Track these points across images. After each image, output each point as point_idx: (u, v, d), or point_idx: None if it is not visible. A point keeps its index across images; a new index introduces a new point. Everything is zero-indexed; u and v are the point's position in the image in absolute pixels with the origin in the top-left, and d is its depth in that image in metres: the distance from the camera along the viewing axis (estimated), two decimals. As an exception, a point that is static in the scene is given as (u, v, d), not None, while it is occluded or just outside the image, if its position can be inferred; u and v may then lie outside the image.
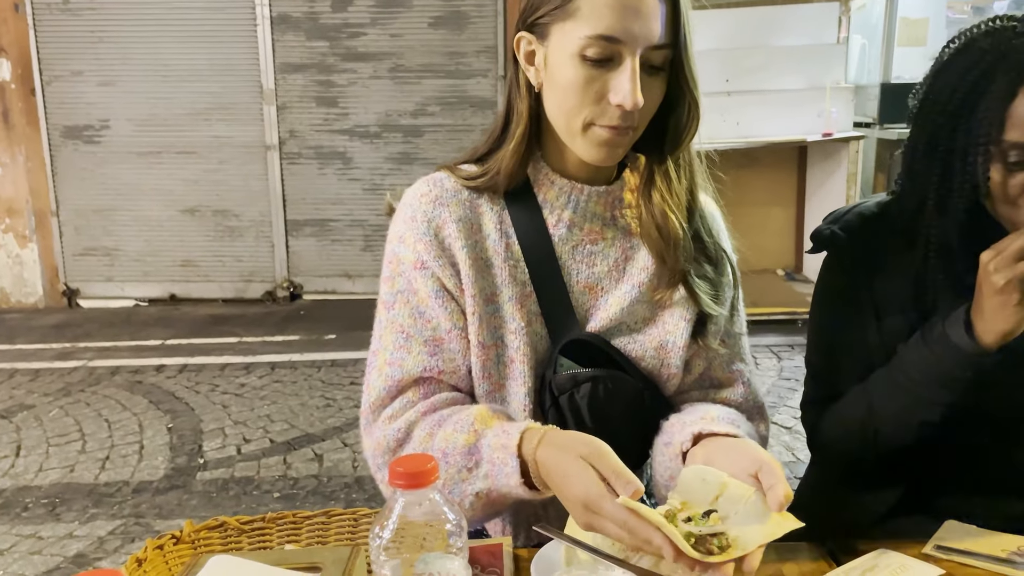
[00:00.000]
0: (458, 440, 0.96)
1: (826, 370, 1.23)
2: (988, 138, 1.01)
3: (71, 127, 5.54)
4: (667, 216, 1.06)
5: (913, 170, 1.12)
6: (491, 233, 1.06)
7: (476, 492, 0.95)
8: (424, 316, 1.05)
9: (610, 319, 1.07)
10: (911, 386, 1.07)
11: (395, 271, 1.07)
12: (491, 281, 1.05)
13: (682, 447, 0.96)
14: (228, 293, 5.71)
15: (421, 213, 1.06)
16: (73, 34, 5.41)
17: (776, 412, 3.46)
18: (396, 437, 1.02)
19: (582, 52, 0.95)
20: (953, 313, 1.04)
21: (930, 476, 1.16)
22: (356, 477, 3.01)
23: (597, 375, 1.01)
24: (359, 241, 5.64)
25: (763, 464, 0.84)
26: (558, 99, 1.00)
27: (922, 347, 1.06)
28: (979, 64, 1.03)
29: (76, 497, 2.90)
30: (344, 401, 3.75)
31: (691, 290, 1.08)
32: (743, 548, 0.78)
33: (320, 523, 0.99)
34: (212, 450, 3.27)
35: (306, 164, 5.59)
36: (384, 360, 1.05)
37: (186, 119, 5.51)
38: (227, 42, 5.41)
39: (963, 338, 1.01)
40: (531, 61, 1.03)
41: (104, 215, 5.64)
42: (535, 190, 1.08)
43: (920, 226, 1.11)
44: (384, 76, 5.46)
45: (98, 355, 4.53)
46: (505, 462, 0.91)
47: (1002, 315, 0.98)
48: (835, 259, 1.22)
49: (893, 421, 1.11)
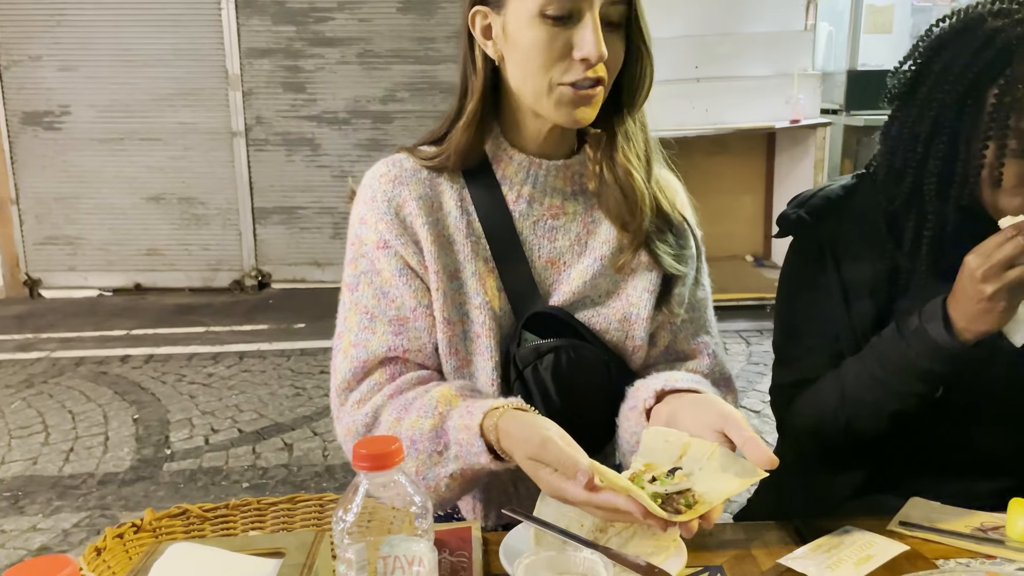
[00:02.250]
0: (424, 425, 0.96)
1: (793, 354, 1.24)
2: (1004, 124, 0.99)
3: (30, 113, 5.41)
4: (631, 174, 1.06)
5: (896, 152, 1.10)
6: (452, 211, 1.07)
7: (450, 474, 0.95)
8: (388, 296, 1.05)
9: (573, 293, 1.07)
10: (886, 378, 1.08)
11: (358, 252, 1.07)
12: (454, 258, 1.05)
13: (645, 404, 0.97)
14: (195, 282, 5.63)
15: (381, 193, 1.06)
16: (31, 17, 5.27)
17: (745, 396, 3.49)
18: (364, 422, 1.02)
19: (542, 11, 0.96)
20: (928, 306, 1.04)
21: (896, 456, 1.17)
22: (327, 466, 2.99)
23: (559, 345, 1.01)
24: (328, 229, 5.59)
25: (728, 418, 0.85)
26: (522, 64, 1.00)
27: (898, 340, 1.06)
28: (991, 45, 1.01)
29: (40, 490, 2.84)
30: (314, 390, 3.71)
31: (653, 253, 1.08)
32: (710, 504, 0.79)
33: (285, 509, 0.98)
34: (179, 441, 3.23)
35: (273, 151, 5.51)
36: (349, 342, 1.05)
37: (150, 105, 5.40)
38: (191, 26, 5.31)
39: (942, 335, 1.01)
40: (488, 35, 1.03)
41: (66, 203, 5.53)
42: (493, 167, 1.08)
43: (899, 209, 1.11)
44: (352, 61, 5.40)
45: (61, 346, 4.44)
46: (471, 442, 0.91)
47: (986, 318, 0.98)
48: (801, 243, 1.22)
49: (866, 411, 1.11)
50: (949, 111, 1.04)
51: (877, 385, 1.09)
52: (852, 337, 1.15)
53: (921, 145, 1.07)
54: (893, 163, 1.11)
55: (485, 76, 1.04)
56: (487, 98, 1.05)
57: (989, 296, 0.96)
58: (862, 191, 1.19)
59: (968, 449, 1.13)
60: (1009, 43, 1.00)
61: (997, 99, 1.00)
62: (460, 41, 1.07)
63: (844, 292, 1.16)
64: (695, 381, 1.01)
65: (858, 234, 1.16)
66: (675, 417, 0.92)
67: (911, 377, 1.06)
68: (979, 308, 0.98)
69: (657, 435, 0.88)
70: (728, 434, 0.84)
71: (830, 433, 1.16)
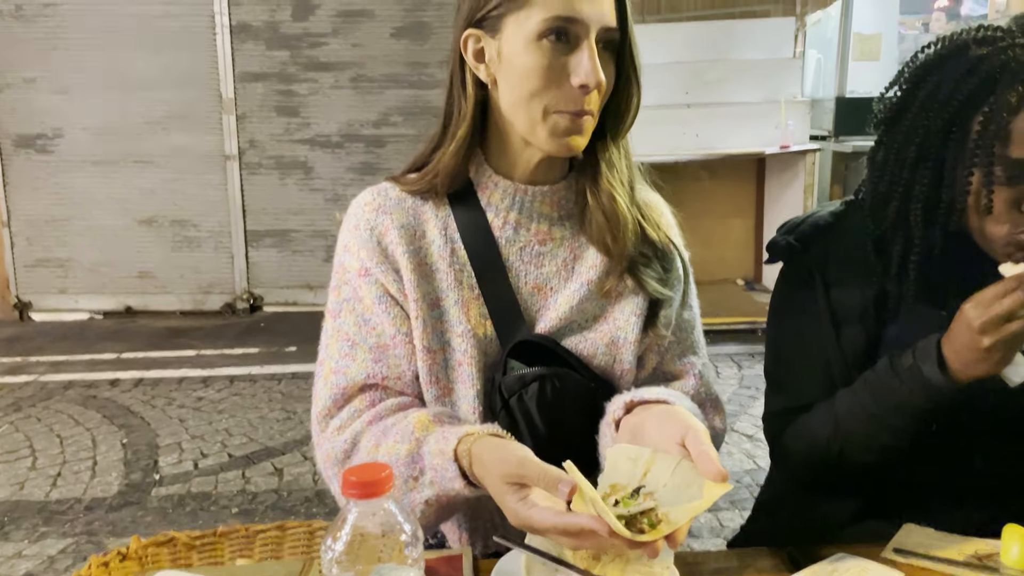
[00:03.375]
0: (400, 450, 0.96)
1: (785, 381, 1.23)
2: (989, 151, 0.99)
3: (23, 136, 5.41)
4: (614, 199, 1.06)
5: (883, 178, 1.11)
6: (435, 239, 1.07)
7: (425, 500, 0.94)
8: (369, 323, 1.05)
9: (560, 319, 1.07)
10: (879, 412, 1.07)
11: (341, 280, 1.09)
12: (435, 286, 1.05)
13: (614, 415, 0.97)
14: (186, 305, 5.61)
15: (364, 221, 1.07)
16: (26, 41, 5.29)
17: (737, 420, 3.48)
18: (344, 448, 1.02)
19: (540, 36, 0.96)
20: (923, 344, 1.03)
21: (890, 483, 1.16)
22: (316, 491, 2.96)
23: (544, 374, 1.01)
24: (321, 252, 5.58)
25: (689, 429, 0.84)
26: (516, 89, 1.00)
27: (892, 377, 1.05)
28: (975, 72, 1.01)
29: (26, 515, 2.80)
30: (304, 414, 3.68)
31: (638, 278, 1.08)
32: (674, 524, 0.78)
33: (274, 537, 0.97)
34: (168, 465, 3.20)
35: (266, 174, 5.52)
36: (329, 369, 1.06)
37: (143, 128, 5.41)
38: (185, 50, 5.33)
39: (936, 375, 1.00)
40: (480, 59, 1.02)
41: (57, 225, 5.51)
42: (478, 192, 1.08)
43: (886, 235, 1.11)
44: (346, 86, 5.42)
45: (50, 369, 4.41)
46: (445, 467, 0.91)
47: (982, 365, 0.98)
48: (791, 269, 1.22)
49: (859, 443, 1.11)
50: (934, 138, 1.04)
51: (870, 419, 1.08)
52: (843, 363, 1.15)
53: (907, 171, 1.07)
54: (879, 189, 1.12)
55: (475, 101, 1.04)
56: (476, 123, 1.05)
57: (986, 347, 0.95)
58: (851, 218, 1.19)
59: (963, 475, 1.13)
60: (993, 71, 1.00)
61: (982, 126, 1.00)
62: (449, 64, 1.06)
63: (834, 318, 1.15)
64: (666, 394, 1.01)
65: (847, 260, 1.16)
66: (641, 428, 0.91)
67: (904, 414, 1.05)
68: (975, 356, 0.97)
69: (621, 452, 0.87)
70: (687, 445, 0.84)
71: (823, 462, 1.15)
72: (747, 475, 3.00)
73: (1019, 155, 0.99)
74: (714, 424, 1.11)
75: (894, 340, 1.13)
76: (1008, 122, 0.98)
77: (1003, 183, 1.00)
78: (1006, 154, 0.99)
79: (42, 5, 5.24)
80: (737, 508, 2.76)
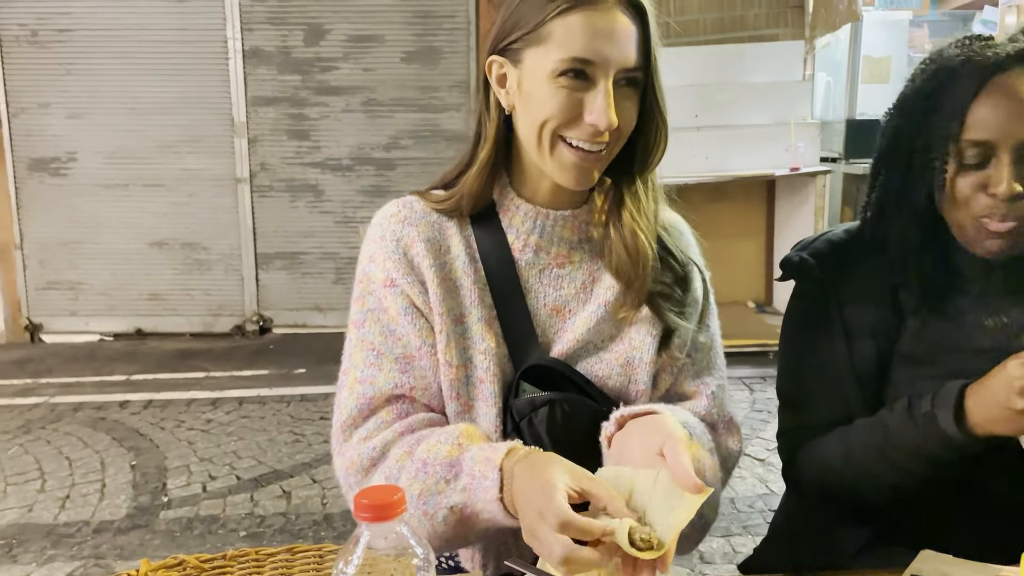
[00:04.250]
0: (441, 451, 0.95)
1: (798, 398, 1.23)
2: (948, 137, 1.03)
3: (37, 159, 5.46)
4: (636, 235, 1.06)
5: (877, 184, 1.16)
6: (460, 255, 1.07)
7: (451, 506, 0.93)
8: (395, 334, 1.05)
9: (576, 340, 1.07)
10: (892, 454, 1.07)
11: (365, 290, 1.08)
12: (459, 302, 1.06)
13: (606, 432, 0.96)
14: (196, 327, 5.62)
15: (390, 233, 1.07)
16: (41, 66, 5.35)
17: (749, 444, 3.45)
18: (371, 456, 1.00)
19: (556, 74, 0.97)
20: (944, 390, 1.02)
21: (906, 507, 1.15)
22: (325, 514, 2.95)
23: (554, 399, 1.01)
24: (330, 274, 5.59)
25: (668, 438, 0.85)
26: (532, 119, 1.01)
27: (907, 420, 1.05)
28: (944, 68, 1.06)
29: (34, 538, 2.80)
30: (313, 436, 3.68)
31: (656, 308, 1.08)
32: (663, 545, 0.79)
33: (284, 560, 0.96)
34: (176, 488, 3.19)
35: (277, 197, 5.55)
36: (355, 378, 1.05)
37: (155, 152, 5.45)
38: (198, 75, 5.38)
39: (951, 426, 1.00)
40: (503, 84, 1.04)
41: (70, 248, 5.55)
42: (500, 214, 1.09)
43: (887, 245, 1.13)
44: (357, 110, 5.47)
45: (60, 391, 4.41)
46: (485, 475, 0.90)
47: (1007, 425, 0.97)
48: (804, 286, 1.22)
49: (870, 480, 1.10)
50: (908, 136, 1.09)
51: (882, 459, 1.08)
52: (856, 380, 1.15)
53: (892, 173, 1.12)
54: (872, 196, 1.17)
55: (499, 123, 1.05)
56: (500, 146, 1.06)
57: (1019, 409, 0.94)
58: (864, 234, 1.20)
59: (981, 500, 1.12)
60: (958, 66, 1.05)
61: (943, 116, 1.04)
62: (478, 87, 1.08)
63: (848, 335, 1.15)
64: (657, 405, 1.00)
65: (861, 277, 1.16)
66: (626, 440, 0.92)
67: (917, 459, 1.05)
68: (1003, 415, 0.96)
69: (602, 478, 0.87)
70: (664, 453, 0.84)
71: (835, 488, 1.15)
72: (759, 500, 2.97)
73: (977, 137, 1.02)
74: (728, 445, 1.10)
75: (907, 357, 1.13)
76: (963, 109, 1.02)
77: (960, 167, 1.04)
78: (962, 136, 1.03)
79: (57, 31, 5.31)
80: (750, 533, 2.73)
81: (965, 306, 1.12)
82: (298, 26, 5.37)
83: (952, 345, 1.12)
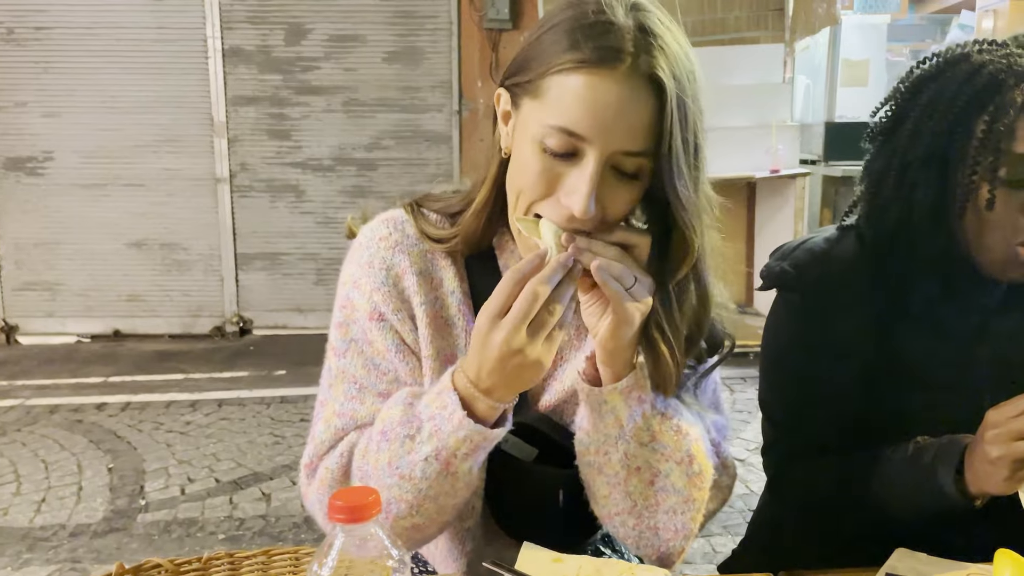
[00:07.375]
0: (394, 414, 0.91)
1: (783, 415, 1.21)
2: (995, 150, 0.97)
3: (14, 159, 5.39)
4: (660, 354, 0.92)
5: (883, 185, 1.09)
6: (454, 291, 1.01)
7: (424, 457, 0.87)
8: (380, 368, 0.99)
9: (565, 391, 1.03)
10: (888, 498, 1.06)
11: (348, 317, 1.01)
12: (451, 341, 1.00)
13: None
14: (175, 328, 5.57)
15: (379, 259, 0.99)
16: (17, 64, 5.29)
17: (729, 445, 3.45)
18: (340, 463, 0.95)
19: (542, 140, 0.85)
20: (948, 444, 1.02)
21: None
22: (305, 517, 2.93)
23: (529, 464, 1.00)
24: (311, 275, 5.57)
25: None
26: (513, 175, 0.91)
27: (905, 469, 1.04)
28: (979, 74, 1.00)
29: (9, 542, 2.76)
30: (294, 438, 3.66)
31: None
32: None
33: (260, 563, 0.95)
34: (154, 491, 3.16)
35: (257, 197, 5.51)
36: (333, 411, 0.99)
37: (134, 151, 5.40)
38: (178, 74, 5.34)
39: (948, 483, 0.99)
40: (506, 121, 0.94)
41: (47, 248, 5.48)
42: (498, 254, 1.03)
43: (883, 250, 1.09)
44: (338, 110, 5.44)
45: (36, 393, 4.36)
46: (444, 405, 0.86)
47: (991, 480, 0.96)
48: (785, 296, 1.20)
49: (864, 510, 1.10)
50: (938, 140, 1.02)
51: (875, 500, 1.08)
52: (843, 398, 1.13)
53: (910, 175, 1.05)
54: (877, 199, 1.10)
55: (500, 163, 0.95)
56: (500, 189, 0.96)
57: (992, 460, 0.94)
58: (845, 243, 1.17)
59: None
60: (997, 72, 0.99)
61: (987, 125, 0.99)
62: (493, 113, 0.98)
63: (832, 350, 1.13)
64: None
65: (843, 286, 1.14)
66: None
67: (910, 507, 1.05)
68: (985, 468, 0.96)
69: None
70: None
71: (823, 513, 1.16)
72: (740, 500, 2.99)
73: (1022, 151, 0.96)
74: (719, 481, 1.07)
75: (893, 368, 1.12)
76: (1013, 121, 0.97)
77: (1005, 184, 0.98)
78: (1012, 150, 0.97)
79: (34, 28, 5.25)
80: (730, 533, 2.74)
81: (960, 324, 1.10)
82: (279, 25, 5.34)
83: (943, 362, 1.10)
